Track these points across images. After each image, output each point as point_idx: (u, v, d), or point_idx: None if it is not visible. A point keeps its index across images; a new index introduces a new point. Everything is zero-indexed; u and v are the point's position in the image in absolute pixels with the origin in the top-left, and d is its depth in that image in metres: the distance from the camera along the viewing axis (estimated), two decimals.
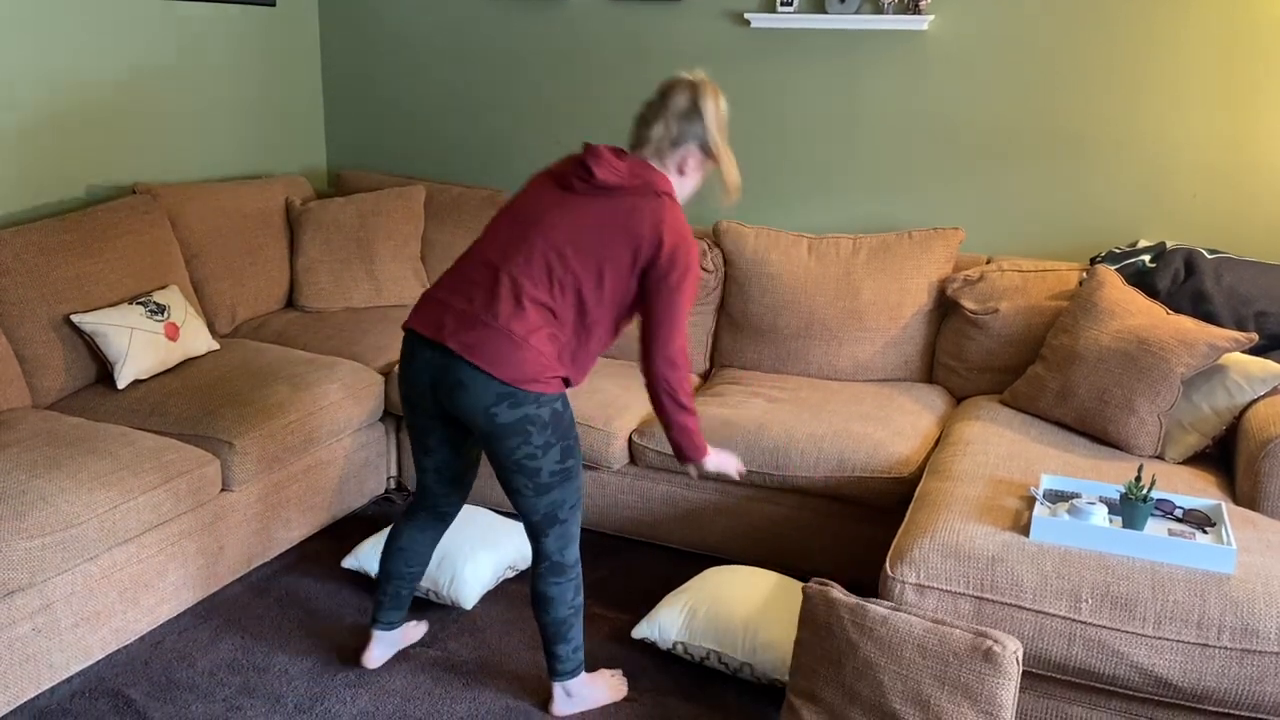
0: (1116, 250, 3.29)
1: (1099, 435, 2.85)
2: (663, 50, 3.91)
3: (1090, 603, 2.15)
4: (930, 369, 3.47)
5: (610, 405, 3.21)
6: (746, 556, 3.14)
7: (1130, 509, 2.27)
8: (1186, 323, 2.83)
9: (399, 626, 2.65)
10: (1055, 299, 3.23)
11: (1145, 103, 3.36)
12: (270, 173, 4.30)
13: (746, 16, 3.70)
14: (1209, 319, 2.96)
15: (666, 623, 2.64)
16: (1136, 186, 3.43)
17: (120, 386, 3.06)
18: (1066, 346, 2.97)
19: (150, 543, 2.69)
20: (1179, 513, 2.38)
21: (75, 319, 3.07)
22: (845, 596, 2.20)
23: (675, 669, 2.67)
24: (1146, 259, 3.19)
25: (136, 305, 3.19)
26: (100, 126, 3.57)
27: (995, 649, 2.02)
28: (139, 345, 3.10)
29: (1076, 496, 2.43)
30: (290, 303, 3.97)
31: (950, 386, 3.41)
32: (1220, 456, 2.84)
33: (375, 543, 2.97)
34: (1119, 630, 2.13)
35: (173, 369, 3.20)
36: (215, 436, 2.88)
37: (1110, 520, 2.33)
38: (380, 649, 2.64)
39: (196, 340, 3.29)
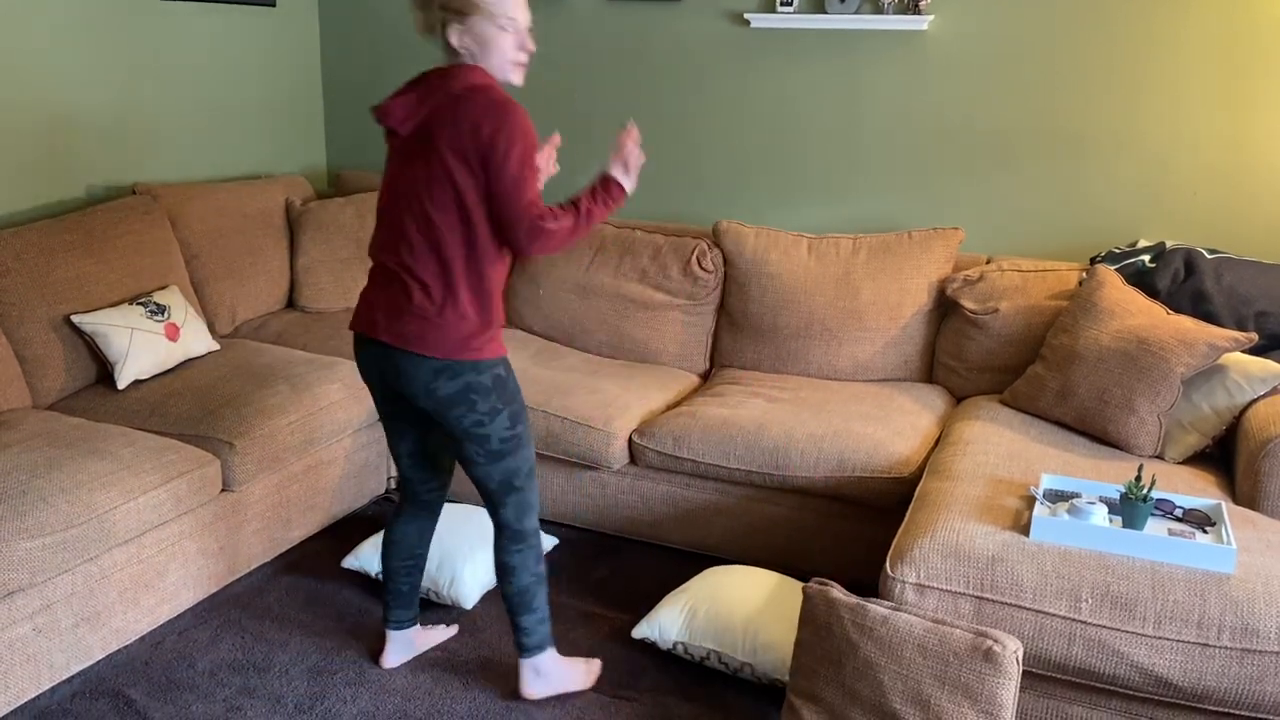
0: (1116, 250, 3.29)
1: (1099, 435, 2.85)
2: (662, 50, 3.92)
3: (1090, 602, 2.15)
4: (930, 369, 3.47)
5: (610, 405, 3.21)
6: (746, 556, 3.14)
7: (1130, 509, 2.27)
8: (1186, 322, 2.83)
9: (409, 626, 2.65)
10: (1055, 299, 3.23)
11: (1145, 102, 3.36)
12: (270, 173, 4.30)
13: (746, 16, 3.70)
14: (1209, 319, 2.96)
15: (667, 623, 2.64)
16: (1136, 186, 3.43)
17: (120, 387, 3.06)
18: (1066, 346, 2.97)
19: (150, 543, 2.69)
20: (1179, 512, 2.38)
21: (75, 319, 3.07)
22: (845, 596, 2.20)
23: (675, 669, 2.67)
24: (1146, 259, 3.19)
25: (137, 305, 3.19)
26: (100, 127, 3.57)
27: (995, 649, 2.02)
28: (139, 345, 3.10)
29: (1076, 496, 2.43)
30: (290, 303, 3.97)
31: (950, 386, 3.41)
32: (1220, 456, 2.84)
33: (375, 543, 2.98)
34: (1119, 630, 2.13)
35: (173, 369, 3.21)
36: (215, 437, 2.88)
37: (1110, 520, 2.33)
38: (395, 650, 2.64)
39: (197, 340, 3.29)
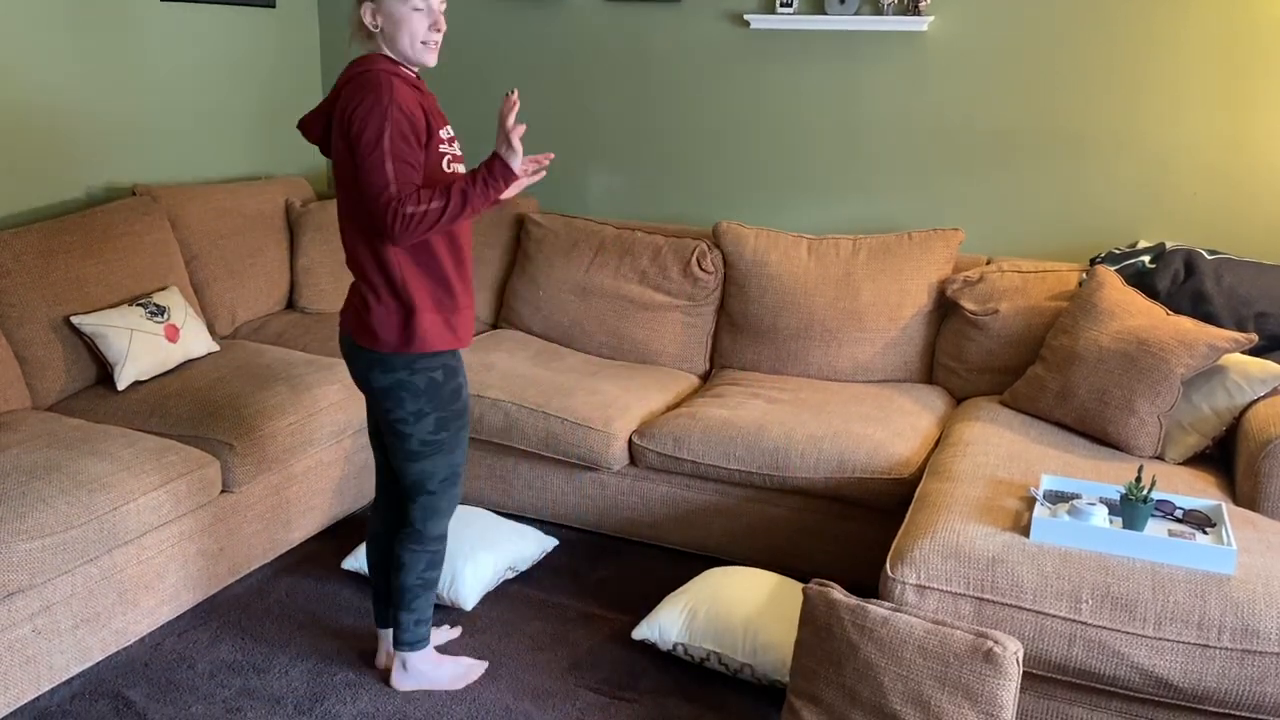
0: (1116, 251, 3.29)
1: (1099, 436, 2.85)
2: (662, 51, 3.92)
3: (1090, 603, 2.15)
4: (930, 370, 3.47)
5: (610, 406, 3.21)
6: (746, 557, 3.13)
7: (1130, 510, 2.27)
8: (1186, 323, 2.83)
9: None
10: (1055, 300, 3.23)
11: (1145, 103, 3.36)
12: (270, 174, 4.29)
13: (746, 17, 3.70)
14: (1209, 320, 2.96)
15: (667, 624, 2.64)
16: (1136, 187, 3.43)
17: (120, 388, 3.06)
18: (1066, 347, 2.97)
19: (150, 544, 2.68)
20: (1179, 513, 2.38)
21: (75, 320, 3.07)
22: (845, 597, 2.20)
23: (675, 670, 2.67)
24: (1146, 259, 3.19)
25: (136, 307, 3.19)
26: (100, 128, 3.57)
27: (996, 650, 2.02)
28: (139, 347, 3.10)
29: (1077, 497, 2.42)
30: (290, 304, 3.97)
31: (950, 387, 3.41)
32: (1220, 457, 2.84)
33: None
34: (1119, 631, 2.13)
35: (172, 370, 3.20)
36: (215, 438, 2.88)
37: (1110, 521, 2.32)
38: (386, 648, 2.64)
39: (196, 342, 3.29)
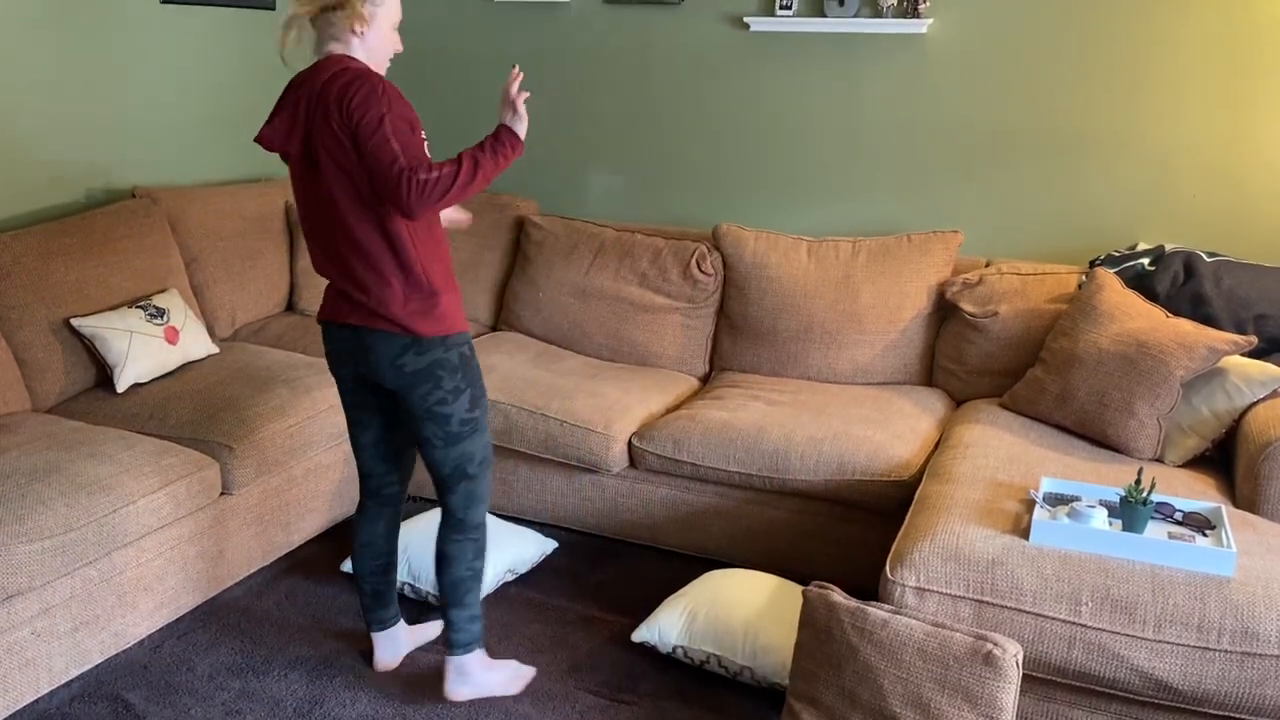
0: (1115, 253, 3.29)
1: (1098, 438, 2.85)
2: (662, 54, 3.92)
3: (1090, 606, 2.15)
4: (930, 372, 3.47)
5: (610, 409, 3.21)
6: (746, 560, 3.13)
7: (1130, 512, 2.27)
8: (1186, 326, 2.83)
9: (394, 625, 2.65)
10: (1054, 302, 3.23)
11: (1144, 105, 3.36)
12: (270, 176, 4.29)
13: (746, 20, 3.71)
14: (1208, 322, 2.96)
15: (666, 626, 2.64)
16: (1136, 189, 3.43)
17: (120, 390, 3.06)
18: (1066, 349, 2.97)
19: (150, 546, 2.68)
20: (1179, 516, 2.38)
21: (75, 323, 3.07)
22: (845, 600, 2.20)
23: (675, 672, 2.67)
24: (1145, 262, 3.19)
25: (136, 309, 3.19)
26: (100, 130, 3.57)
27: (995, 652, 2.02)
28: (138, 349, 3.10)
29: (1076, 499, 2.43)
30: (290, 306, 3.97)
31: (950, 389, 3.41)
32: (1220, 459, 2.84)
33: None
34: (1119, 633, 2.13)
35: (172, 373, 3.20)
36: (215, 440, 2.88)
37: (1110, 523, 2.33)
38: (385, 650, 2.64)
39: (196, 344, 3.29)
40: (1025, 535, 2.29)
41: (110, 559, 2.58)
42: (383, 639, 2.63)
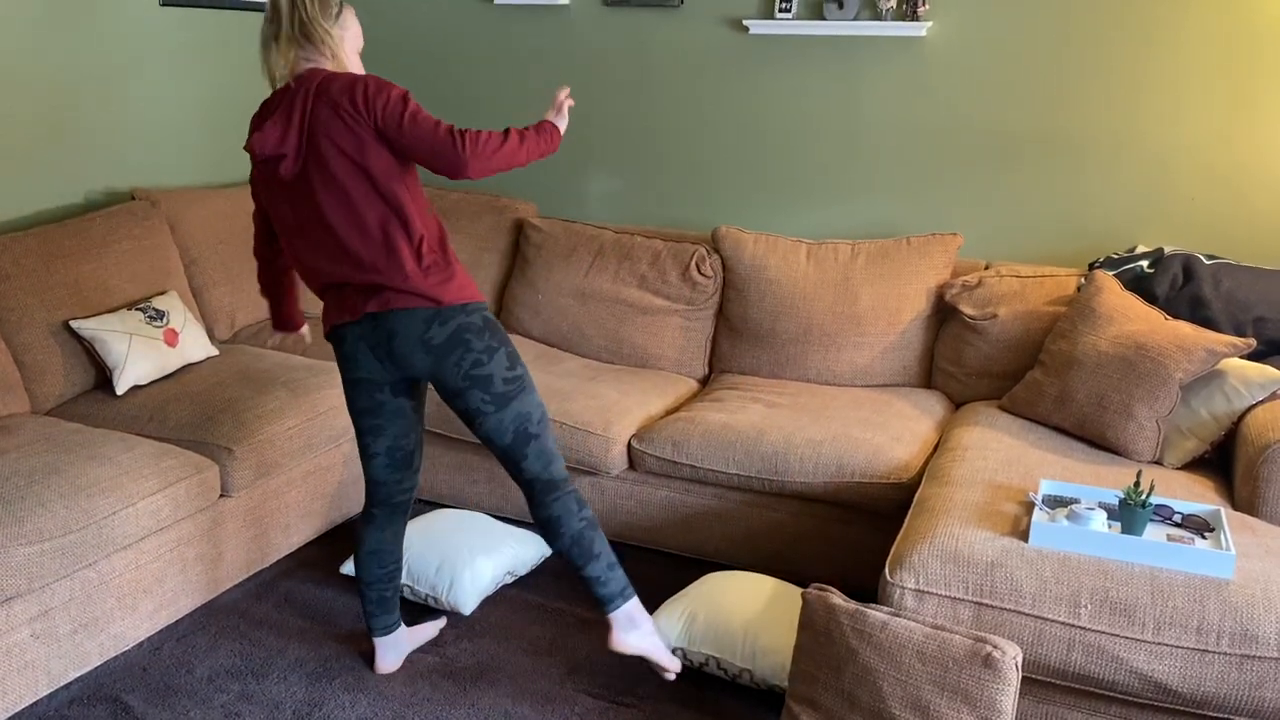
0: (1114, 256, 3.29)
1: (1097, 440, 2.85)
2: (661, 56, 3.92)
3: (1089, 608, 2.15)
4: (929, 374, 3.48)
5: (609, 410, 3.21)
6: (745, 562, 3.14)
7: (1129, 514, 2.27)
8: (1185, 328, 2.83)
9: (397, 629, 2.65)
10: (1053, 304, 3.23)
11: (1143, 107, 3.36)
12: None
13: (745, 23, 3.71)
14: (1207, 324, 2.96)
15: (665, 628, 2.64)
16: (1135, 191, 3.43)
17: (119, 392, 3.06)
18: (1065, 352, 2.97)
19: (149, 548, 2.68)
20: (1178, 518, 2.38)
21: (74, 325, 3.07)
22: (844, 602, 2.20)
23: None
24: (1144, 264, 3.19)
25: (136, 311, 3.19)
26: (99, 132, 3.57)
27: (995, 655, 2.02)
28: (138, 351, 3.10)
29: (1075, 502, 2.43)
30: None
31: (949, 392, 3.41)
32: (1219, 462, 2.84)
33: None
34: (1118, 636, 2.13)
35: (172, 375, 3.20)
36: (214, 442, 2.88)
37: (1109, 526, 2.33)
38: (388, 654, 2.64)
39: (195, 346, 3.29)
40: (1024, 537, 2.29)
41: (109, 561, 2.58)
42: (385, 644, 2.63)
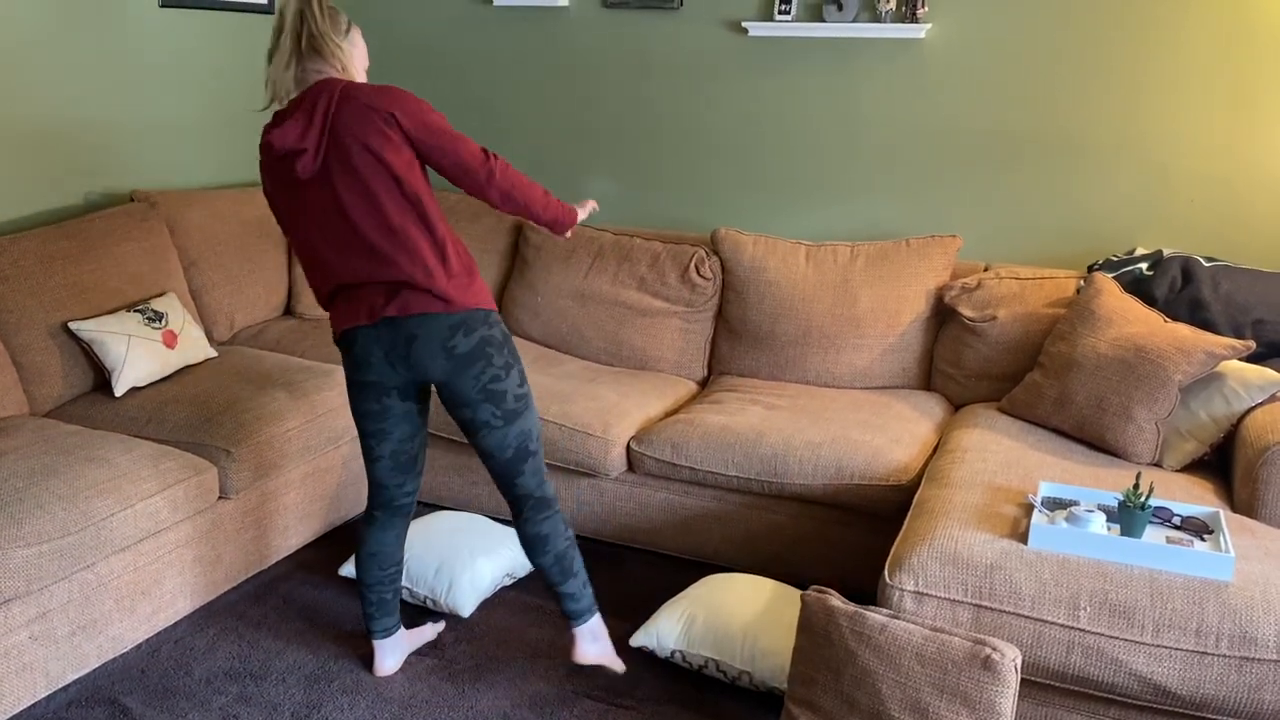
0: (1114, 258, 3.29)
1: (1097, 443, 2.85)
2: (661, 59, 3.92)
3: (1089, 610, 2.15)
4: (928, 376, 3.48)
5: (608, 412, 3.21)
6: (745, 564, 3.13)
7: (1128, 516, 2.27)
8: (1184, 330, 2.83)
9: (397, 631, 2.65)
10: (1053, 306, 3.23)
11: (1142, 109, 3.37)
12: None
13: (744, 25, 3.71)
14: (1206, 327, 2.96)
15: (665, 631, 2.64)
16: (1134, 193, 3.44)
17: (118, 394, 3.06)
18: (1064, 354, 2.97)
19: (147, 550, 2.68)
20: (1177, 520, 2.38)
21: (73, 326, 3.06)
22: (844, 604, 2.20)
23: (673, 677, 2.66)
24: (1144, 266, 3.19)
25: (134, 313, 3.19)
26: (99, 133, 3.57)
27: (994, 657, 2.02)
28: (137, 353, 3.10)
29: (1075, 504, 2.42)
30: (288, 310, 3.97)
31: (948, 394, 3.41)
32: (1218, 464, 2.84)
33: None
34: (1118, 638, 2.13)
35: (170, 376, 3.20)
36: (213, 444, 2.88)
37: (1108, 528, 2.33)
38: (388, 657, 2.64)
39: (194, 348, 3.29)
40: (1024, 540, 2.29)
41: (108, 563, 2.58)
42: (385, 646, 2.63)
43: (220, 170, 4.07)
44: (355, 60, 2.34)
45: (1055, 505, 2.44)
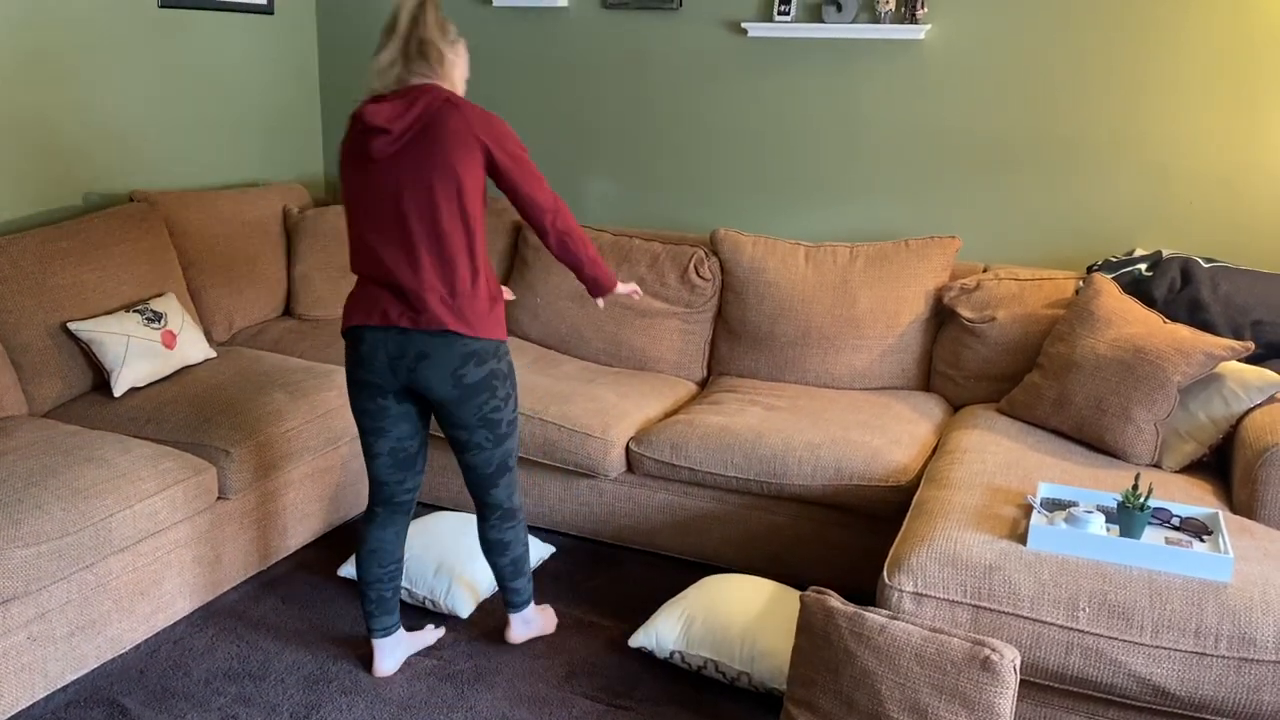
0: (1113, 259, 3.29)
1: (1096, 444, 2.85)
2: (661, 60, 3.92)
3: (1088, 611, 2.15)
4: (927, 377, 3.48)
5: (608, 413, 3.21)
6: (744, 565, 3.13)
7: (1127, 517, 2.27)
8: (1183, 331, 2.83)
9: (396, 631, 2.65)
10: (1052, 307, 3.23)
11: (1142, 110, 3.37)
12: (268, 181, 4.30)
13: (744, 26, 3.71)
14: (1205, 328, 2.96)
15: (664, 632, 2.64)
16: (1133, 194, 3.44)
17: (117, 394, 3.06)
18: (1063, 355, 2.97)
19: (146, 551, 2.68)
20: (1176, 521, 2.38)
21: (72, 326, 3.06)
22: (843, 605, 2.20)
23: (672, 678, 2.66)
24: (1143, 267, 3.19)
25: (133, 313, 3.19)
26: (98, 134, 3.57)
27: (993, 658, 2.02)
28: (136, 353, 3.10)
29: (1074, 505, 2.43)
30: (287, 311, 3.97)
31: (947, 395, 3.41)
32: (1217, 465, 2.84)
33: None
34: (1116, 639, 2.13)
35: (169, 377, 3.20)
36: (212, 444, 2.88)
37: (1108, 529, 2.33)
38: (387, 657, 2.64)
39: (193, 348, 3.29)
40: (1023, 540, 2.29)
41: (107, 563, 2.58)
42: (384, 645, 2.63)
43: (220, 170, 4.07)
44: (457, 70, 2.40)
45: (1054, 506, 2.44)
